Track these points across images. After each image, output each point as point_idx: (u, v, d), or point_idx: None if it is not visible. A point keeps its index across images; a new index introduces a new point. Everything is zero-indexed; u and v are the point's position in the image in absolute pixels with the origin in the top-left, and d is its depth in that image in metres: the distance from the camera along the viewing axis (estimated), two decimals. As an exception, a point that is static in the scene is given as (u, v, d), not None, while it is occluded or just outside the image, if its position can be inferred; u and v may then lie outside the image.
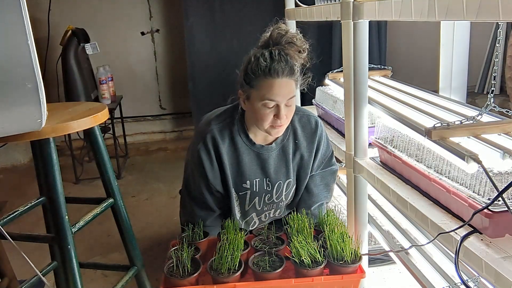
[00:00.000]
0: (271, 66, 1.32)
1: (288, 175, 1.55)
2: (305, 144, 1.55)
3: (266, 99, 1.34)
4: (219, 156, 1.47)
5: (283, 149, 1.53)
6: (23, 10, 1.05)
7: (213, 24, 3.92)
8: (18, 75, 1.09)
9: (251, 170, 1.51)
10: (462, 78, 1.96)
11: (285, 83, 1.35)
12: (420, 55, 4.43)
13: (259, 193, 1.55)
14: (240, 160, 1.49)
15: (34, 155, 1.59)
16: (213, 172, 1.49)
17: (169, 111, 5.00)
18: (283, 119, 1.37)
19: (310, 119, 1.57)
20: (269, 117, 1.37)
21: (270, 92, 1.34)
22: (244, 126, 1.49)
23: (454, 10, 0.96)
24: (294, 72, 1.36)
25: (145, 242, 2.69)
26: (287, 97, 1.36)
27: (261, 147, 1.50)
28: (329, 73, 2.32)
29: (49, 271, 1.74)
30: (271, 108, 1.36)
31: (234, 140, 1.48)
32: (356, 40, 1.45)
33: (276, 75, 1.33)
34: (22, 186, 3.74)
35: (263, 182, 1.53)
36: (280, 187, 1.56)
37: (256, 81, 1.35)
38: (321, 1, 1.93)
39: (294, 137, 1.54)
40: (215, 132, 1.46)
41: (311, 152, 1.56)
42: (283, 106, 1.36)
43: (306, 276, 1.28)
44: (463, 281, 1.04)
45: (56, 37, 3.94)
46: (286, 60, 1.34)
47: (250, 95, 1.38)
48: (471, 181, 1.08)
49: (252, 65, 1.35)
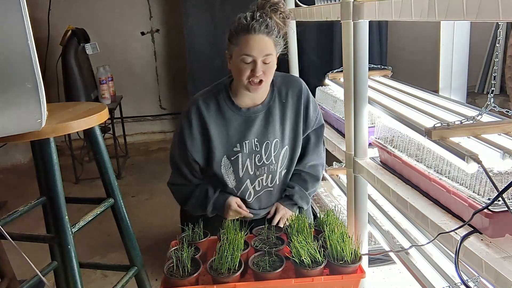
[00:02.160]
0: (250, 24, 1.42)
1: (274, 135, 1.59)
2: (291, 102, 1.60)
3: (243, 53, 1.43)
4: (203, 123, 1.54)
5: (269, 110, 1.58)
6: (23, 10, 1.05)
7: (213, 24, 3.92)
8: (18, 75, 1.09)
9: (240, 134, 1.57)
10: (462, 78, 1.96)
11: (261, 39, 1.43)
12: (420, 55, 4.43)
13: (250, 155, 1.59)
14: (228, 126, 1.56)
15: (34, 155, 1.59)
16: (191, 139, 1.55)
17: (169, 111, 5.01)
18: (259, 73, 1.44)
19: (293, 78, 1.66)
20: (247, 72, 1.45)
21: (247, 46, 1.42)
22: (229, 94, 1.56)
23: (454, 10, 0.96)
24: (271, 31, 1.44)
25: (145, 242, 2.69)
26: (263, 52, 1.43)
27: (247, 110, 1.57)
28: (329, 73, 2.32)
29: (49, 271, 1.74)
30: (248, 64, 1.44)
31: (220, 108, 1.55)
32: (356, 40, 1.45)
33: (253, 31, 1.42)
34: (22, 186, 3.74)
35: (252, 143, 1.58)
36: (268, 147, 1.59)
37: (236, 39, 1.44)
38: (321, 1, 1.93)
39: (280, 97, 1.59)
40: (200, 103, 1.55)
41: (299, 110, 1.60)
42: (260, 62, 1.43)
43: (306, 276, 1.28)
44: (463, 281, 1.04)
45: (56, 37, 3.94)
46: (265, 20, 1.43)
47: (233, 52, 1.47)
48: (471, 181, 1.08)
49: (235, 24, 1.45)
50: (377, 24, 3.97)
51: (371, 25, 1.49)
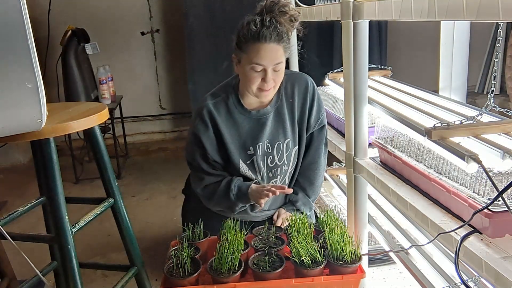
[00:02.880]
0: (260, 32, 1.39)
1: (285, 135, 1.58)
2: (297, 99, 1.59)
3: (254, 62, 1.41)
4: (216, 128, 1.52)
5: (278, 110, 1.58)
6: (23, 10, 1.05)
7: (213, 24, 3.91)
8: (18, 75, 1.09)
9: (252, 137, 1.55)
10: (462, 78, 1.96)
11: (273, 48, 1.40)
12: (420, 55, 4.44)
13: (262, 157, 1.58)
14: (240, 130, 1.54)
15: (34, 155, 1.59)
16: (210, 141, 1.53)
17: (169, 111, 5.01)
18: (269, 82, 1.43)
19: (299, 76, 1.63)
20: (257, 80, 1.43)
21: (257, 56, 1.40)
22: (238, 97, 1.55)
23: (454, 10, 0.96)
24: (282, 38, 1.42)
25: (145, 242, 2.69)
26: (274, 62, 1.41)
27: (257, 113, 1.55)
28: (329, 73, 2.32)
29: (49, 271, 1.74)
30: (258, 72, 1.42)
31: (230, 113, 1.54)
32: (356, 40, 1.45)
33: (264, 40, 1.39)
34: (22, 186, 3.74)
35: (264, 145, 1.57)
36: (280, 148, 1.59)
37: (246, 46, 1.42)
38: (321, 1, 1.93)
39: (286, 96, 1.58)
40: (211, 107, 1.53)
41: (305, 109, 1.59)
42: (270, 70, 1.42)
43: (306, 276, 1.28)
44: (463, 281, 1.04)
45: (56, 37, 3.94)
46: (275, 26, 1.41)
47: (241, 58, 1.45)
48: (471, 181, 1.08)
49: (243, 30, 1.43)
50: (377, 24, 3.97)
51: (371, 25, 1.49)
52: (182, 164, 1.70)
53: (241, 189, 1.54)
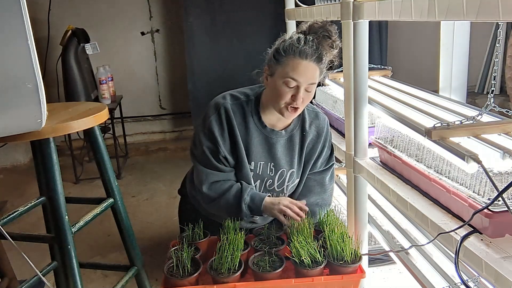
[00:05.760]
0: (302, 48, 1.39)
1: (291, 165, 1.57)
2: (311, 137, 1.58)
3: (289, 77, 1.39)
4: (231, 128, 1.50)
5: (291, 138, 1.56)
6: (23, 10, 1.05)
7: (213, 24, 3.91)
8: (18, 75, 1.09)
9: (258, 152, 1.53)
10: (462, 78, 1.96)
11: (311, 67, 1.40)
12: (420, 55, 4.43)
13: (261, 177, 1.56)
14: (249, 140, 1.52)
15: (34, 155, 1.59)
16: (223, 139, 1.50)
17: (169, 111, 5.00)
18: (299, 101, 1.41)
19: (318, 115, 1.62)
20: (287, 96, 1.42)
21: (294, 71, 1.39)
22: (258, 108, 1.52)
23: (454, 10, 0.96)
24: (321, 60, 1.42)
25: (145, 242, 2.69)
26: (309, 81, 1.41)
27: (271, 131, 1.54)
28: (329, 73, 2.32)
29: (49, 271, 1.73)
30: (291, 88, 1.41)
31: (246, 120, 1.52)
32: (356, 40, 1.46)
33: (305, 57, 1.39)
34: (22, 186, 3.74)
35: (267, 166, 1.55)
36: (283, 175, 1.57)
37: (284, 59, 1.41)
38: (321, 1, 1.93)
39: (302, 129, 1.57)
40: (229, 107, 1.50)
41: (316, 147, 1.59)
42: (303, 89, 1.41)
43: (306, 276, 1.28)
44: (463, 281, 1.04)
45: (56, 37, 3.94)
46: (317, 47, 1.41)
47: (275, 71, 1.43)
48: (471, 181, 1.08)
49: (285, 43, 1.42)
50: (377, 24, 3.97)
51: (371, 25, 1.49)
52: (182, 164, 1.71)
53: (254, 200, 1.49)
